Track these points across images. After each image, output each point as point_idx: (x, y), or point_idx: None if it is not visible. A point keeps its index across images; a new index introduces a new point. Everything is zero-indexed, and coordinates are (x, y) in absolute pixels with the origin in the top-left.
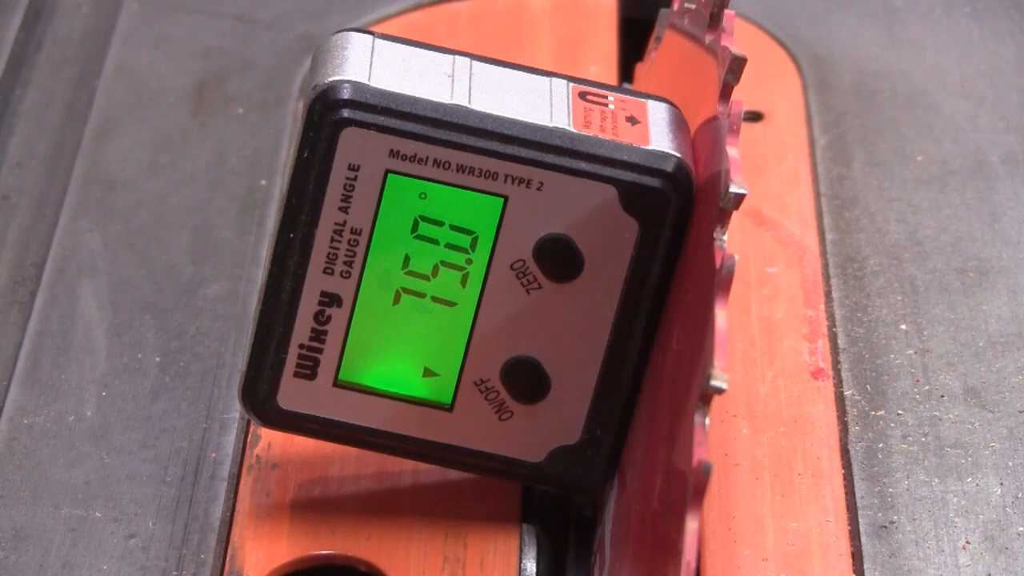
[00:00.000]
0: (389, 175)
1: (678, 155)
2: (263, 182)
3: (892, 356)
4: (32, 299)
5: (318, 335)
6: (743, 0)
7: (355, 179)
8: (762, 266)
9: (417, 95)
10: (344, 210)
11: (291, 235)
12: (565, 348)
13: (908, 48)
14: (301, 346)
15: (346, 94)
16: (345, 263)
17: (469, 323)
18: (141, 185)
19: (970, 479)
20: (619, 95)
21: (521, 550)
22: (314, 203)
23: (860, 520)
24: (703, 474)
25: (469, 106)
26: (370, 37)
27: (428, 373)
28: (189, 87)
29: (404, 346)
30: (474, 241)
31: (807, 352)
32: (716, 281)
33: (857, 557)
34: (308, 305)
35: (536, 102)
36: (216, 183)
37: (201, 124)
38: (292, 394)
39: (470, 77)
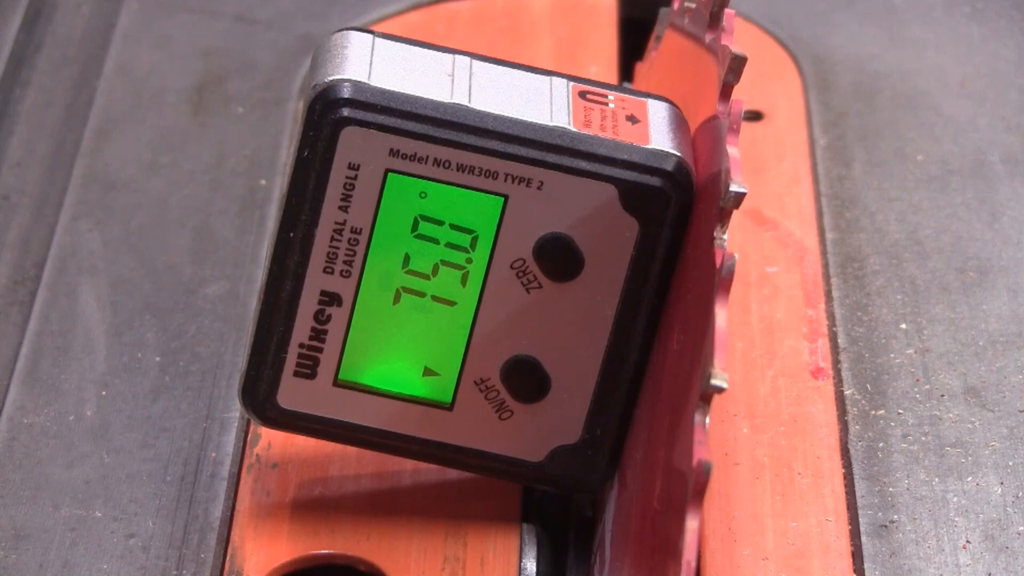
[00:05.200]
0: (389, 174)
1: (678, 154)
2: (263, 182)
3: (892, 355)
4: (32, 299)
5: (318, 334)
6: (743, 0)
7: (355, 178)
8: (762, 266)
9: (417, 94)
10: (344, 209)
11: (291, 234)
12: (565, 347)
13: (908, 48)
14: (301, 345)
15: (346, 93)
16: (345, 262)
17: (469, 322)
18: (141, 185)
19: (970, 478)
20: (619, 94)
21: (521, 550)
22: (314, 202)
23: (860, 519)
24: (703, 473)
25: (469, 105)
26: (370, 36)
27: (428, 372)
28: (189, 87)
29: (404, 345)
30: (474, 240)
31: (807, 352)
32: (716, 281)
33: (857, 556)
34: (308, 304)
35: (536, 101)
36: (216, 183)
37: (201, 124)
38: (292, 393)
39: (470, 76)
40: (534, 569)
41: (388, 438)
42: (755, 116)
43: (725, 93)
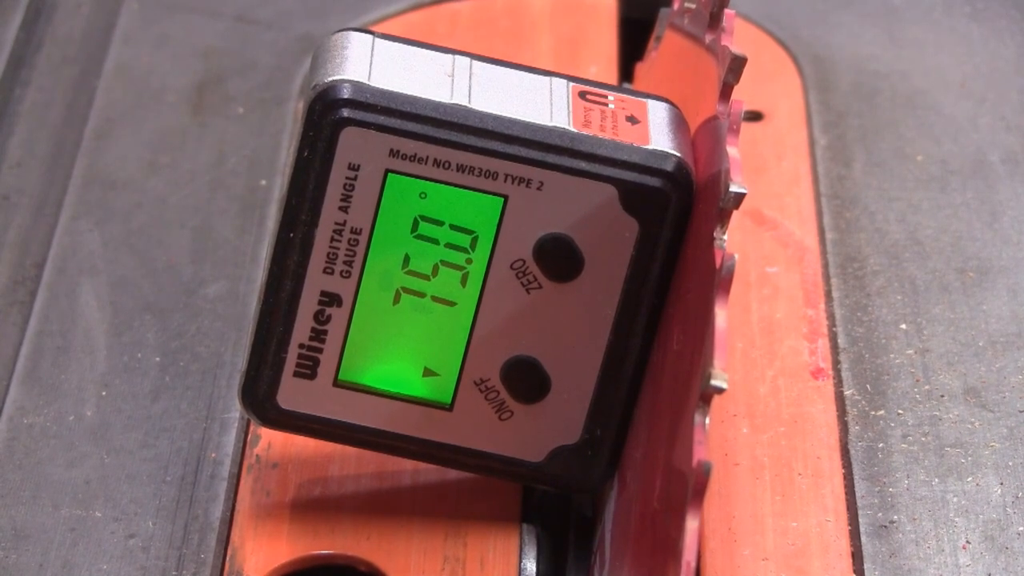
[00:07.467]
0: (389, 174)
1: (678, 155)
2: (263, 182)
3: (892, 356)
4: (32, 299)
5: (318, 335)
6: (743, 0)
7: (355, 178)
8: (762, 266)
9: (417, 95)
10: (344, 210)
11: (291, 235)
12: (565, 348)
13: (908, 48)
14: (301, 346)
15: (346, 94)
16: (345, 263)
17: (469, 323)
18: (141, 185)
19: (970, 479)
20: (619, 95)
21: (521, 550)
22: (314, 203)
23: (860, 520)
24: (703, 474)
25: (469, 106)
26: (370, 37)
27: (428, 373)
28: (189, 87)
29: (404, 346)
30: (474, 241)
31: (807, 352)
32: (716, 281)
33: (857, 557)
34: (308, 305)
35: (536, 102)
36: (216, 183)
37: (201, 124)
38: (292, 394)
39: (470, 77)
40: (534, 569)
41: (388, 438)
42: (755, 116)
43: (725, 93)
